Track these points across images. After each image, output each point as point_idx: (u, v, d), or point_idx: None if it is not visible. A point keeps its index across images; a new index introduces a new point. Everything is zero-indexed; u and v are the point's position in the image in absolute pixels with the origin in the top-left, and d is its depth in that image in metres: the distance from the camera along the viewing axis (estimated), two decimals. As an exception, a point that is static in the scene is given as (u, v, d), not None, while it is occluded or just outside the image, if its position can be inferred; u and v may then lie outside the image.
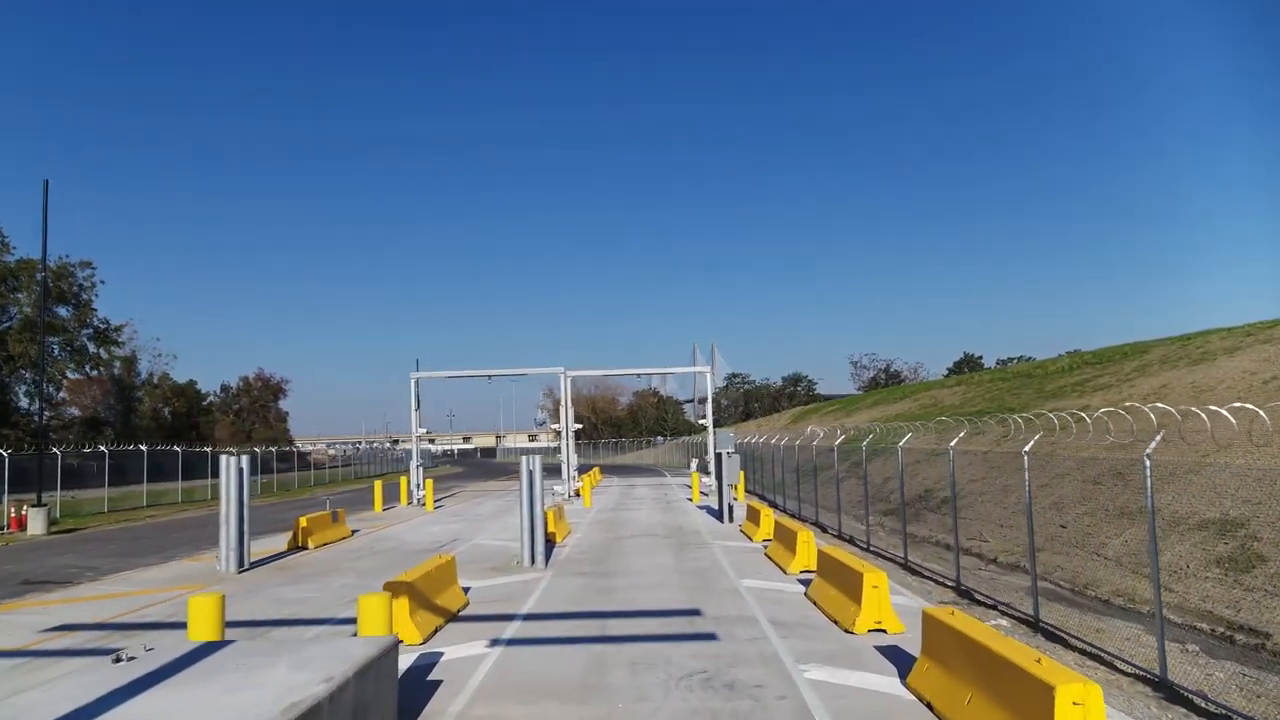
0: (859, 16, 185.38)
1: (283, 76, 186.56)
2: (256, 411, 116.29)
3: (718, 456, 25.89)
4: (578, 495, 34.58)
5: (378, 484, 32.84)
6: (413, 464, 34.17)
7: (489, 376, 34.61)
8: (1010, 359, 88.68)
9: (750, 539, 21.05)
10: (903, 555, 18.23)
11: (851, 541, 22.20)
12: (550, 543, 20.86)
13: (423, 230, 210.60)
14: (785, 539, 17.21)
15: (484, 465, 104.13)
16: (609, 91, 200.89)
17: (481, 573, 16.54)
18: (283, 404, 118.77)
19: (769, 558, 17.64)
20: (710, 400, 37.23)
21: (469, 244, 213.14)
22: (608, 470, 70.09)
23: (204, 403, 76.77)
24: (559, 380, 34.71)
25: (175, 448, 46.43)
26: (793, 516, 27.13)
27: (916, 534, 23.79)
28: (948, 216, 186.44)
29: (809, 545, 15.74)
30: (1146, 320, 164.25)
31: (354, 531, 24.60)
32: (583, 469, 57.07)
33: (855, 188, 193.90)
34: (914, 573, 17.10)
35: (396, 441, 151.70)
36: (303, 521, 21.08)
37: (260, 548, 20.68)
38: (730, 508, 24.86)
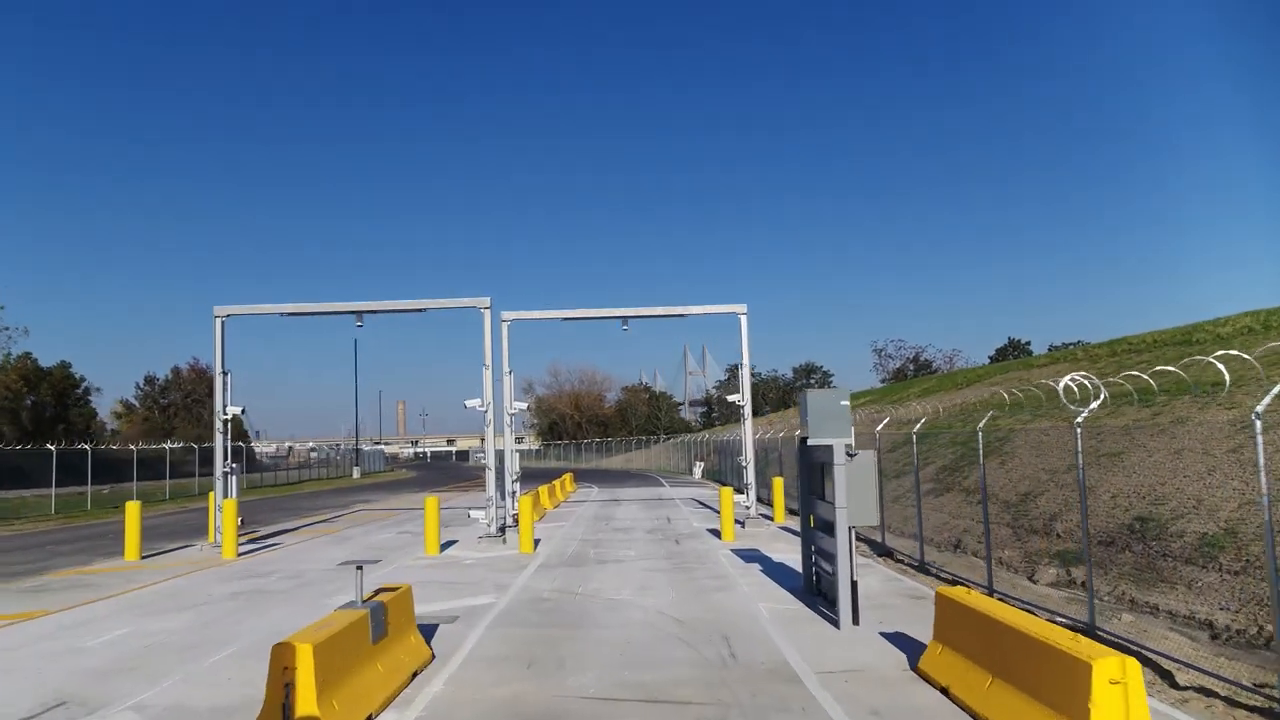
0: (885, 34, 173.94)
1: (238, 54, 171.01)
2: (188, 407, 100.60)
3: (809, 457, 10.77)
4: (513, 524, 19.22)
5: (133, 510, 17.37)
6: (217, 469, 18.74)
7: (356, 314, 19.35)
8: (1065, 344, 73.56)
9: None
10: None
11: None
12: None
13: (419, 231, 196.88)
14: None
15: (449, 469, 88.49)
16: (598, 79, 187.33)
17: None
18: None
19: None
20: (746, 368, 22.07)
21: (458, 240, 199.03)
22: (588, 477, 54.63)
23: (78, 389, 60.88)
24: (484, 324, 19.36)
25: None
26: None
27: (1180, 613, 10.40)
28: (948, 212, 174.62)
29: None
30: (1166, 313, 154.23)
31: None
32: (551, 476, 41.61)
33: (863, 184, 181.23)
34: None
35: (376, 442, 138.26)
36: None
37: None
38: (853, 586, 9.54)
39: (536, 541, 18.50)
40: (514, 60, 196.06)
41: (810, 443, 10.53)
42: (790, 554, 15.86)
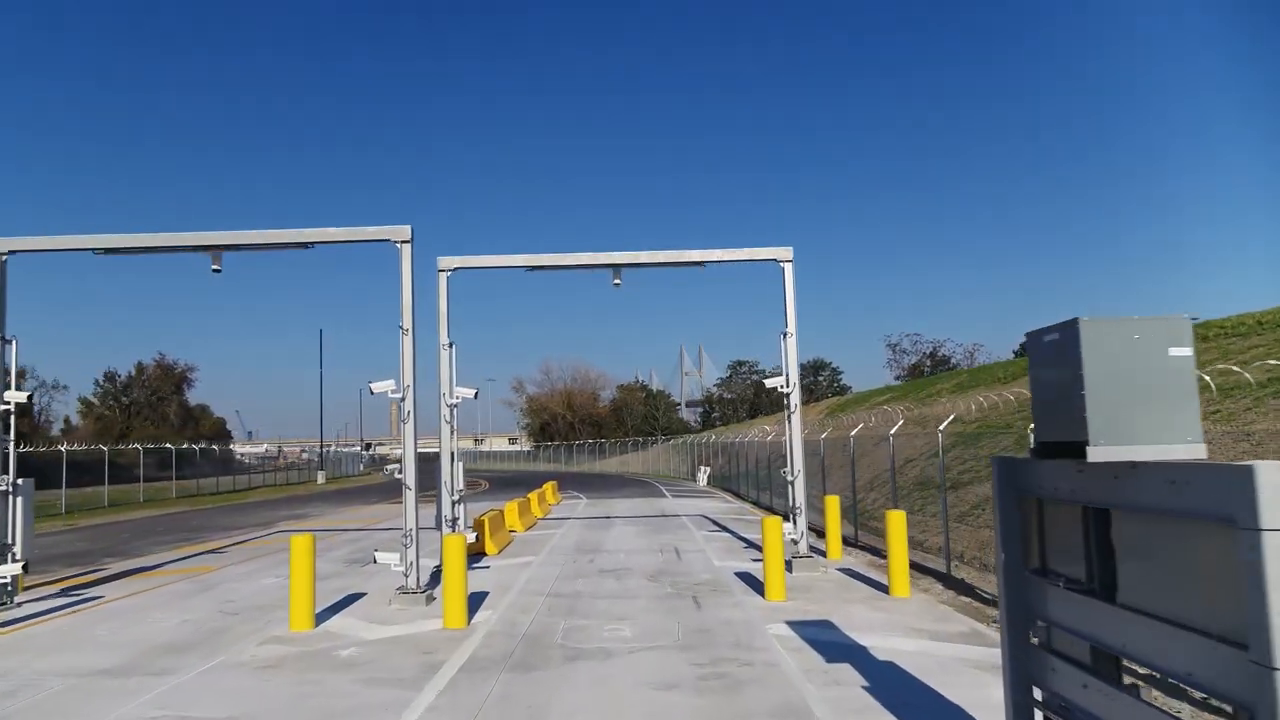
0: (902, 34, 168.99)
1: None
2: (152, 405, 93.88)
3: (1034, 483, 4.38)
4: (437, 578, 12.63)
5: None
6: (-7, 489, 12.20)
7: (209, 250, 12.61)
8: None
9: None
10: None
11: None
12: None
13: (421, 228, 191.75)
14: None
15: (431, 473, 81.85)
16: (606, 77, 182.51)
17: None
18: (192, 395, 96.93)
19: None
20: (792, 337, 15.56)
21: (455, 239, 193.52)
22: (578, 483, 48.13)
23: None
24: (402, 266, 12.90)
25: None
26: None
27: None
28: (948, 211, 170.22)
29: None
30: (1167, 312, 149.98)
31: None
32: (537, 483, 35.02)
33: (863, 183, 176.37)
34: None
35: (369, 445, 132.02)
36: None
37: None
38: None
39: (480, 598, 12.03)
40: (514, 60, 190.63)
41: (1095, 456, 3.95)
42: (893, 636, 9.35)
